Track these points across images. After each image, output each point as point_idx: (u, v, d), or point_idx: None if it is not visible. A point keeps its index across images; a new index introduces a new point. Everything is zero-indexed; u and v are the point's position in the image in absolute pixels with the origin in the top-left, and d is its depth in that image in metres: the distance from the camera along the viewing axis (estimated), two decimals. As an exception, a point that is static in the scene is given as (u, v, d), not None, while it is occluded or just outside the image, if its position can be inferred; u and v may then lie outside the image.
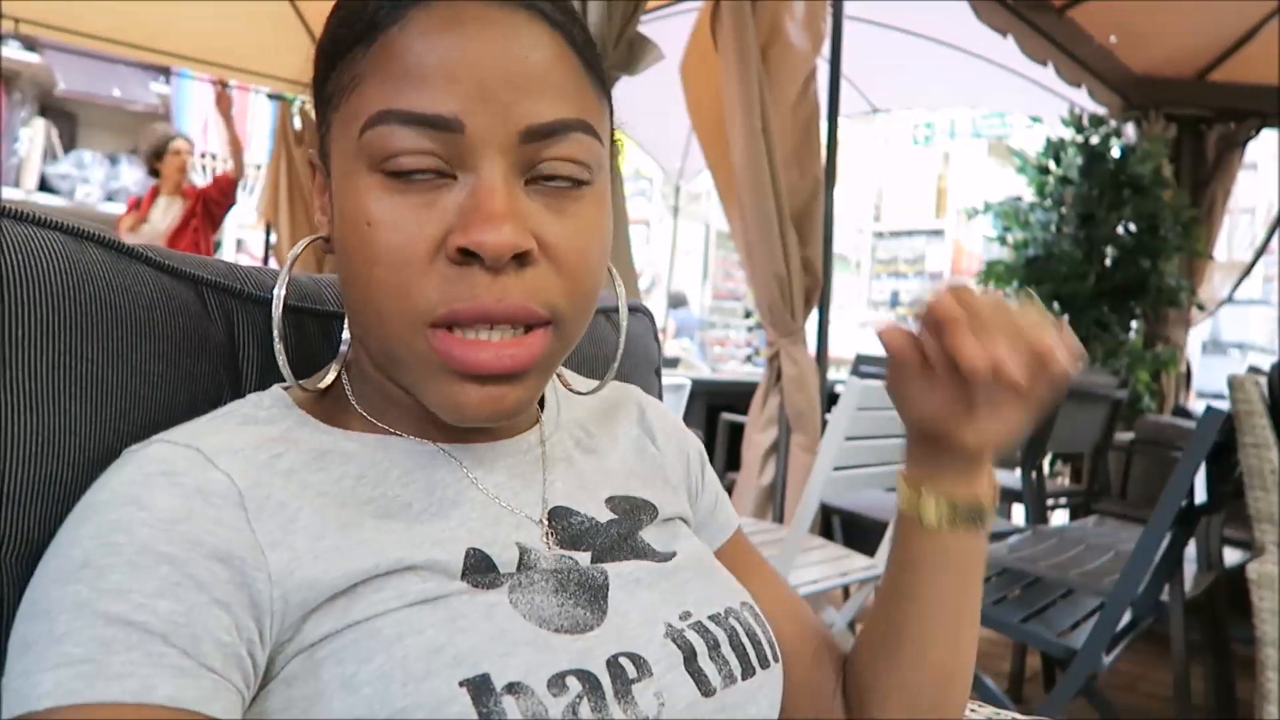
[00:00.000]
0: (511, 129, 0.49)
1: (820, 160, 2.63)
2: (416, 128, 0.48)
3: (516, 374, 0.51)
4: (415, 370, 0.52)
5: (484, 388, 0.50)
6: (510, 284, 0.49)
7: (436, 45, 0.48)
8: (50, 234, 0.52)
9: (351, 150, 0.50)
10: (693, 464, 0.72)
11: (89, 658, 0.41)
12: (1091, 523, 2.82)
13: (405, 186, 0.49)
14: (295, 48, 4.52)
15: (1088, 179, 4.18)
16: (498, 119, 0.49)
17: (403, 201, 0.49)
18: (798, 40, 2.50)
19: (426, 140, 0.49)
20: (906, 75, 4.81)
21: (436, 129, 0.48)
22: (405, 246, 0.49)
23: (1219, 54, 4.32)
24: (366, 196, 0.50)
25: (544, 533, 0.56)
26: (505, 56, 0.49)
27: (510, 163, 0.50)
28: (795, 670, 0.65)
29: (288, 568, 0.46)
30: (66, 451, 0.51)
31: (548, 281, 0.51)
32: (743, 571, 0.68)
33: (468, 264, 0.49)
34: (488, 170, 0.49)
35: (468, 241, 0.48)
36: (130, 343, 0.54)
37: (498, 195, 0.49)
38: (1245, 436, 1.63)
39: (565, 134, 0.51)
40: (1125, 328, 4.30)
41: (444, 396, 0.51)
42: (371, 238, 0.49)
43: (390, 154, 0.49)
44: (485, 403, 0.51)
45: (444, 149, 0.49)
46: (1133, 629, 1.85)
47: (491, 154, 0.49)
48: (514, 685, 0.45)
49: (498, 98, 0.49)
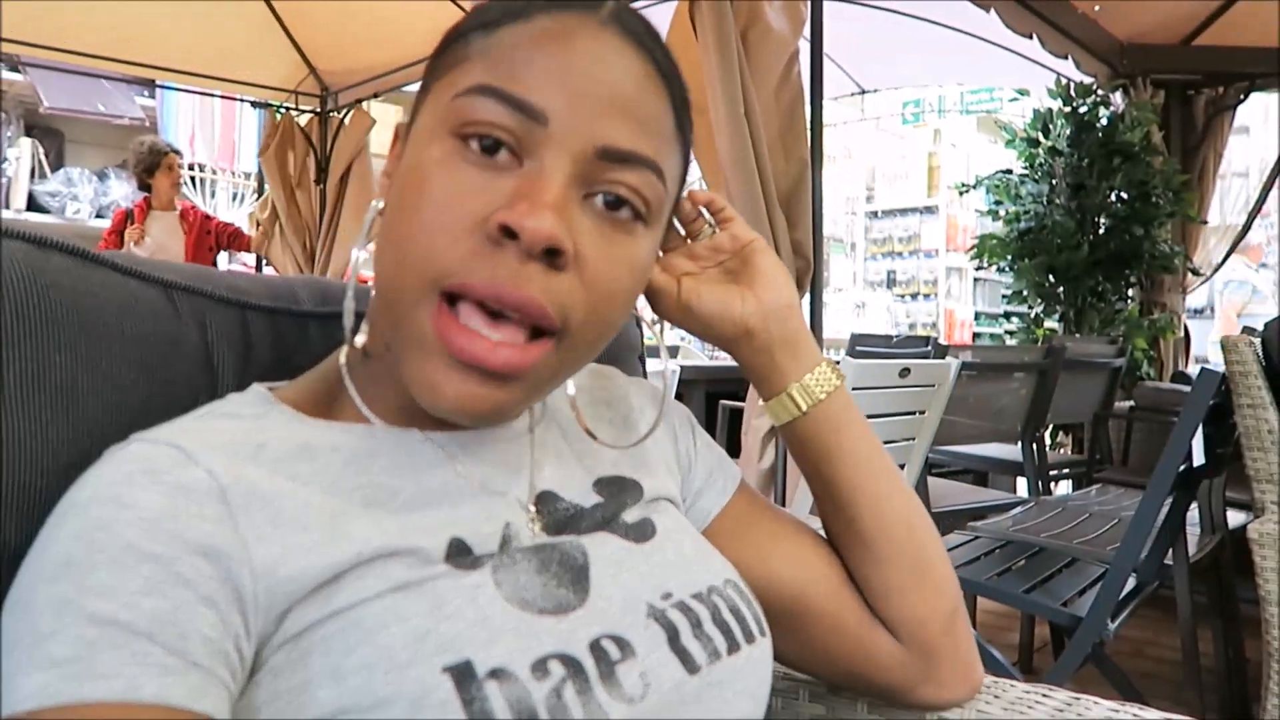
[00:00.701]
0: (589, 142, 0.51)
1: (806, 143, 2.62)
2: (507, 106, 0.50)
3: (503, 375, 0.50)
4: (410, 341, 0.51)
5: (465, 380, 0.50)
6: (533, 276, 0.49)
7: (548, 46, 0.51)
8: (13, 243, 0.52)
9: (440, 113, 0.52)
10: (681, 435, 0.72)
11: (74, 657, 0.41)
12: (1094, 491, 2.83)
13: (473, 158, 0.50)
14: (279, 55, 4.52)
15: (1077, 149, 4.16)
16: (581, 128, 0.51)
17: (465, 170, 0.50)
18: (777, 24, 2.49)
19: (511, 121, 0.50)
20: (892, 55, 4.79)
21: (524, 114, 0.50)
22: (450, 210, 0.50)
23: (1204, 18, 4.29)
24: (434, 154, 0.51)
25: (530, 519, 0.57)
26: (607, 78, 0.52)
27: (576, 171, 0.51)
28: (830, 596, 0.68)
29: (271, 561, 0.46)
30: (40, 459, 0.50)
31: (571, 293, 0.51)
32: (754, 526, 0.70)
33: (501, 245, 0.49)
34: (551, 165, 0.50)
35: (509, 219, 0.48)
36: (100, 348, 0.54)
37: (553, 188, 0.50)
38: (1241, 398, 1.62)
39: (636, 166, 0.52)
40: (1121, 296, 4.29)
41: (424, 375, 0.51)
42: (424, 192, 0.50)
43: (473, 119, 0.50)
44: (461, 395, 0.50)
45: (524, 136, 0.50)
46: (1138, 594, 1.85)
47: (562, 155, 0.51)
48: (497, 671, 0.45)
49: (588, 109, 0.51)
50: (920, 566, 0.68)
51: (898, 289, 8.50)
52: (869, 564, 0.68)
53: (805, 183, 2.60)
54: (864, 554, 0.68)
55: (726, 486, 0.72)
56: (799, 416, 0.67)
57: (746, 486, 0.74)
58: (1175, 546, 1.94)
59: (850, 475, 0.68)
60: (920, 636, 0.68)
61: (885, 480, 0.68)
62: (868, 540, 0.68)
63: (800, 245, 2.60)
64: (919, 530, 0.69)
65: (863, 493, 0.67)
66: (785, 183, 2.56)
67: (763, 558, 0.69)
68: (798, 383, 0.67)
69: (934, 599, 0.68)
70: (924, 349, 3.17)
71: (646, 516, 0.62)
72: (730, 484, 0.73)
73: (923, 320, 8.23)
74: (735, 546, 0.68)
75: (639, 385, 0.74)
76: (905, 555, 0.68)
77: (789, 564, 0.69)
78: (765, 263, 0.68)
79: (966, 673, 0.71)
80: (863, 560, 0.68)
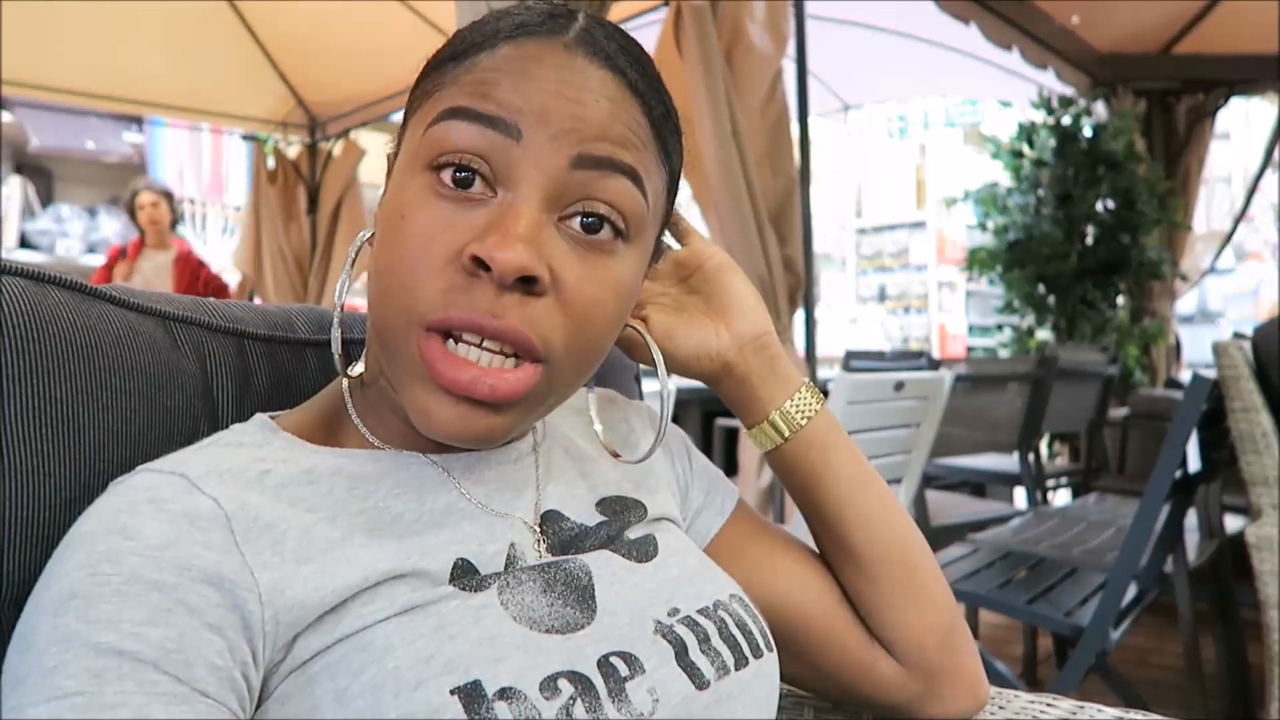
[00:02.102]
0: (564, 153, 0.51)
1: (793, 159, 2.64)
2: (478, 125, 0.50)
3: (493, 404, 0.50)
4: (402, 370, 0.52)
5: (457, 406, 0.50)
6: (511, 306, 0.49)
7: (517, 67, 0.51)
8: (11, 279, 0.52)
9: (414, 146, 0.53)
10: (678, 456, 0.73)
11: (81, 690, 0.41)
12: (1092, 500, 2.83)
13: (446, 192, 0.51)
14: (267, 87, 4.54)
15: (1062, 159, 4.20)
16: (554, 140, 0.50)
17: (440, 205, 0.51)
18: (760, 42, 2.51)
19: (483, 141, 0.50)
20: (875, 70, 4.83)
21: (496, 130, 0.50)
22: (427, 245, 0.50)
23: (1182, 27, 4.34)
24: (410, 191, 0.52)
25: (536, 540, 0.57)
26: (577, 97, 0.51)
27: (550, 193, 0.51)
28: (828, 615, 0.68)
29: (278, 588, 0.46)
30: (43, 493, 0.50)
31: (550, 318, 0.51)
32: (752, 544, 0.70)
33: (476, 276, 0.49)
34: (525, 193, 0.50)
35: (480, 251, 0.49)
36: (99, 381, 0.54)
37: (524, 218, 0.50)
38: (1234, 402, 1.63)
39: (613, 173, 0.52)
40: (1111, 304, 4.31)
41: (419, 403, 0.51)
42: (402, 230, 0.51)
43: (446, 149, 0.51)
44: (455, 420, 0.50)
45: (496, 157, 0.50)
46: (1139, 602, 1.85)
47: (536, 177, 0.50)
48: (506, 690, 0.45)
49: (560, 123, 0.51)
50: (913, 585, 0.68)
51: (889, 303, 8.51)
52: (862, 584, 0.68)
53: (794, 199, 2.61)
54: (856, 574, 0.68)
55: (725, 505, 0.72)
56: (781, 443, 0.67)
57: (745, 506, 0.74)
58: (1174, 553, 1.94)
59: (837, 497, 0.68)
60: (918, 655, 0.67)
61: (874, 500, 0.68)
62: (859, 560, 0.68)
63: (791, 261, 2.61)
64: (911, 549, 0.69)
65: (851, 513, 0.68)
66: (774, 199, 2.58)
67: (762, 576, 0.68)
68: (778, 410, 0.67)
69: (929, 616, 0.68)
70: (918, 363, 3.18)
71: (650, 534, 0.62)
72: (728, 503, 0.73)
73: (916, 334, 8.24)
74: (734, 565, 0.67)
75: (637, 408, 0.74)
76: (897, 575, 0.67)
77: (788, 583, 0.69)
78: (734, 285, 0.68)
79: (971, 688, 0.70)
80: (856, 580, 0.68)
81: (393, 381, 0.54)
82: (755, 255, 2.52)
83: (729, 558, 0.68)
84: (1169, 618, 2.19)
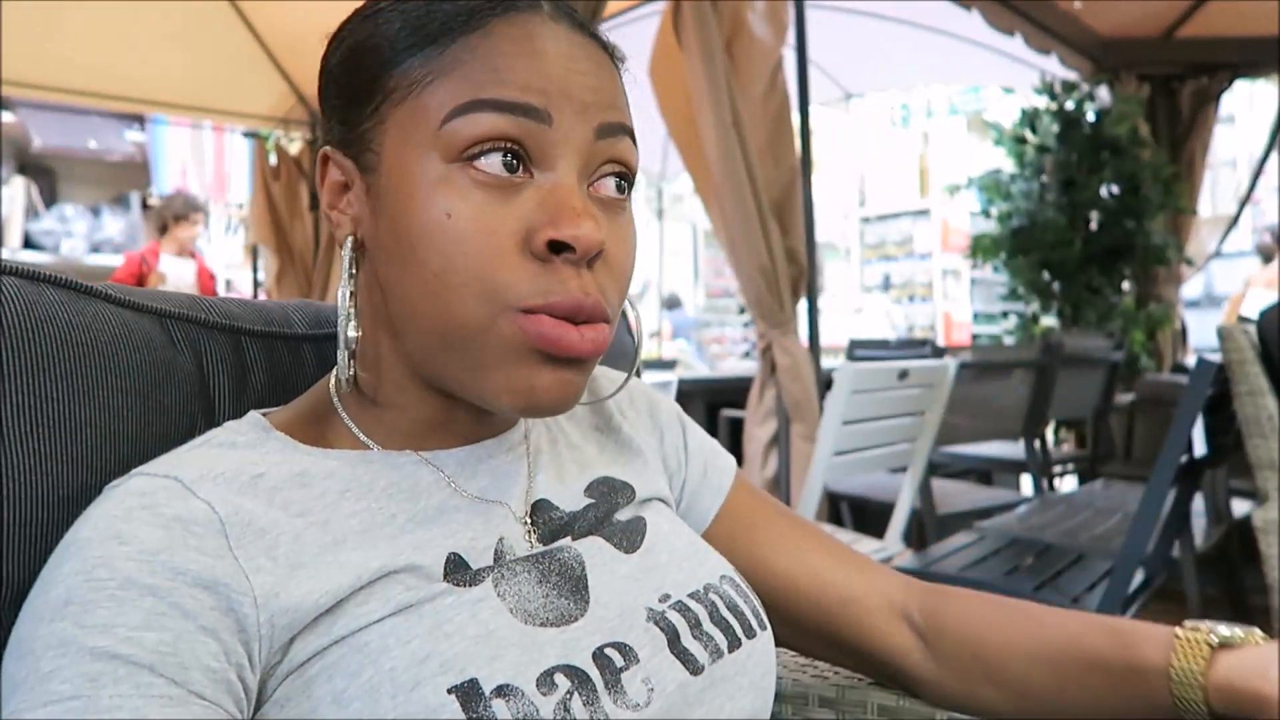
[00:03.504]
0: (589, 126, 0.52)
1: (795, 149, 2.64)
2: (509, 115, 0.50)
3: (588, 360, 0.52)
4: (489, 357, 0.51)
5: (558, 372, 0.51)
6: (589, 280, 0.51)
7: (524, 49, 0.51)
8: (5, 279, 0.52)
9: (425, 141, 0.51)
10: (670, 433, 0.72)
11: (77, 694, 0.41)
12: (1099, 486, 2.82)
13: (485, 179, 0.50)
14: (267, 84, 4.54)
15: (1065, 145, 4.18)
16: (579, 116, 0.52)
17: (481, 194, 0.50)
18: (761, 32, 2.50)
19: (515, 128, 0.50)
20: (877, 58, 4.81)
21: (529, 118, 0.50)
22: (491, 237, 0.50)
23: (1184, 10, 4.32)
24: (443, 187, 0.50)
25: (526, 531, 0.57)
26: (581, 68, 0.53)
27: (582, 165, 0.53)
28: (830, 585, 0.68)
29: (272, 591, 0.46)
30: (40, 492, 0.50)
31: (606, 281, 0.53)
32: (754, 519, 0.71)
33: (550, 260, 0.50)
34: (565, 169, 0.52)
35: (561, 234, 0.49)
36: (95, 379, 0.54)
37: (576, 194, 0.51)
38: (1239, 385, 1.62)
39: (624, 137, 0.54)
40: (1116, 290, 4.30)
41: (520, 382, 0.51)
42: (452, 228, 0.50)
43: (476, 140, 0.50)
44: (556, 387, 0.51)
45: (531, 141, 0.51)
46: (1146, 588, 1.85)
47: (569, 153, 0.52)
48: (503, 688, 0.45)
49: (579, 98, 0.52)
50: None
51: (894, 292, 8.50)
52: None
53: (796, 189, 2.61)
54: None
55: (723, 483, 0.72)
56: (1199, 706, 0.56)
57: (744, 481, 0.74)
58: (1181, 538, 1.94)
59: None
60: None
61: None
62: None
63: (794, 252, 2.61)
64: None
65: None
66: (776, 190, 2.57)
67: (766, 549, 0.69)
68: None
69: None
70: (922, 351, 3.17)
71: (639, 515, 0.62)
72: (726, 479, 0.73)
73: (921, 323, 8.23)
74: (738, 541, 0.68)
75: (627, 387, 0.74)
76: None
77: (791, 553, 0.69)
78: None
79: None
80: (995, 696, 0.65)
81: (462, 377, 0.52)
82: (758, 246, 2.52)
83: (732, 534, 0.69)
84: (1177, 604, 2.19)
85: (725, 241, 2.64)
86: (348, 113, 0.55)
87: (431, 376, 0.55)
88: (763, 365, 2.77)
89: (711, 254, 9.26)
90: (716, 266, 9.23)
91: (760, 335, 2.74)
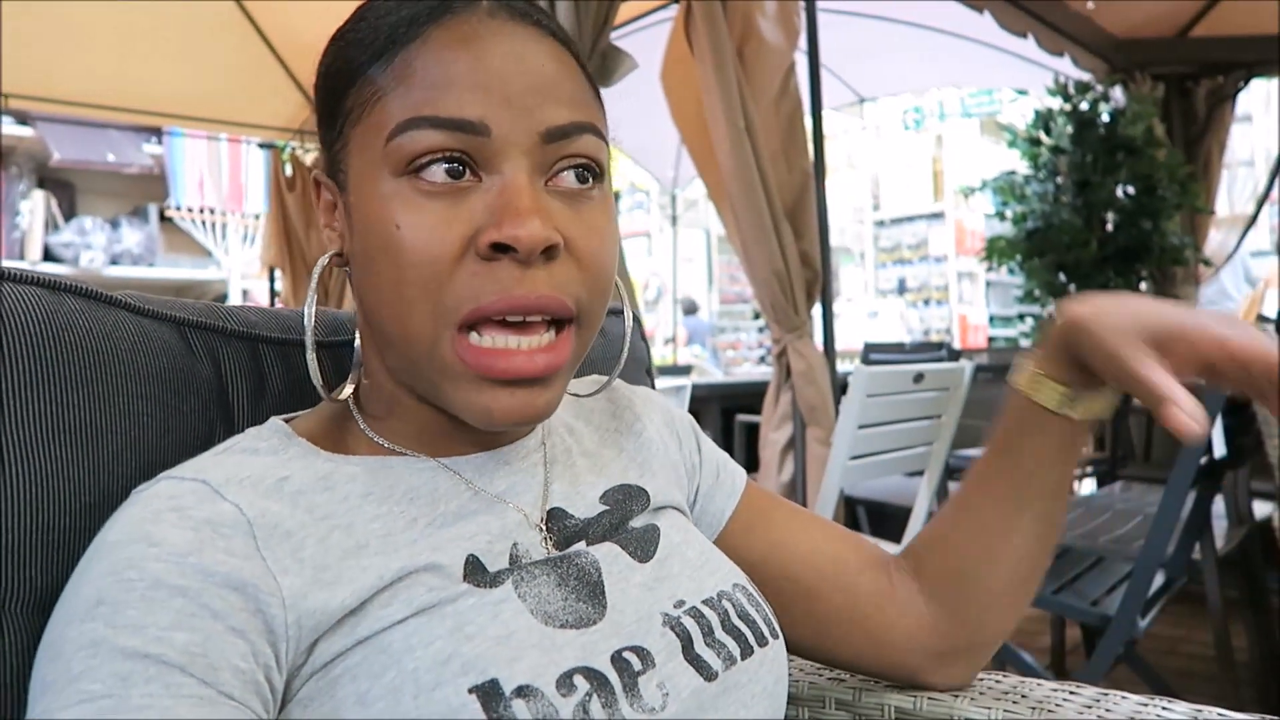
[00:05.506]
0: (533, 130, 0.52)
1: (808, 153, 2.63)
2: (445, 131, 0.50)
3: (547, 377, 0.52)
4: (441, 378, 0.52)
5: (515, 393, 0.51)
6: (539, 277, 0.51)
7: (459, 56, 0.51)
8: (26, 289, 0.53)
9: (376, 159, 0.52)
10: (685, 441, 0.73)
11: (108, 693, 0.41)
12: (1118, 489, 2.81)
13: (432, 189, 0.51)
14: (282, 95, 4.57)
15: (1080, 146, 4.15)
16: (520, 122, 0.51)
17: (430, 204, 0.51)
18: (772, 37, 2.50)
19: (454, 141, 0.50)
20: (889, 62, 4.80)
21: (465, 132, 0.50)
22: (434, 246, 0.50)
23: (1198, 10, 4.29)
24: (393, 201, 0.51)
25: (543, 537, 0.57)
26: (523, 67, 0.52)
27: (532, 163, 0.52)
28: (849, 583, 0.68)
29: (299, 593, 0.47)
30: (62, 499, 0.51)
31: (572, 275, 0.52)
32: (768, 519, 0.71)
33: (496, 260, 0.50)
34: (511, 170, 0.51)
35: (501, 236, 0.49)
36: (115, 386, 0.54)
37: (525, 192, 0.51)
38: (1258, 385, 1.61)
39: (580, 135, 0.53)
40: (1133, 290, 4.27)
41: (475, 403, 0.52)
42: (400, 240, 0.50)
43: (418, 154, 0.50)
44: (516, 408, 0.52)
45: (472, 151, 0.51)
46: (1167, 590, 1.83)
47: (515, 155, 0.51)
48: (523, 688, 0.46)
49: (520, 103, 0.51)
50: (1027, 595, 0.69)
51: (909, 296, 8.47)
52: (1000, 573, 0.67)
53: (809, 194, 2.60)
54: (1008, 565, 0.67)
55: (735, 486, 0.73)
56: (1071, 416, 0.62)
57: (754, 484, 0.75)
58: (1202, 540, 1.92)
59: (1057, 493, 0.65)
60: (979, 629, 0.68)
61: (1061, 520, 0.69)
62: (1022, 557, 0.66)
63: (808, 256, 2.61)
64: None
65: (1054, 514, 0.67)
66: (789, 195, 2.57)
67: (781, 547, 0.70)
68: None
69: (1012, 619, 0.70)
70: (937, 355, 3.16)
71: (652, 523, 0.62)
72: (738, 482, 0.74)
73: (937, 326, 8.20)
74: (752, 540, 0.69)
75: (640, 394, 0.75)
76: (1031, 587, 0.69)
77: (805, 549, 0.70)
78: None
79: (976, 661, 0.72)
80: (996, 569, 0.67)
81: (425, 391, 0.54)
82: (772, 250, 2.51)
83: (747, 534, 0.70)
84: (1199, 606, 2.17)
85: (739, 246, 2.64)
86: (325, 135, 0.57)
87: (412, 389, 0.56)
88: (777, 370, 2.77)
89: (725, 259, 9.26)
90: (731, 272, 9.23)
91: (775, 340, 2.74)
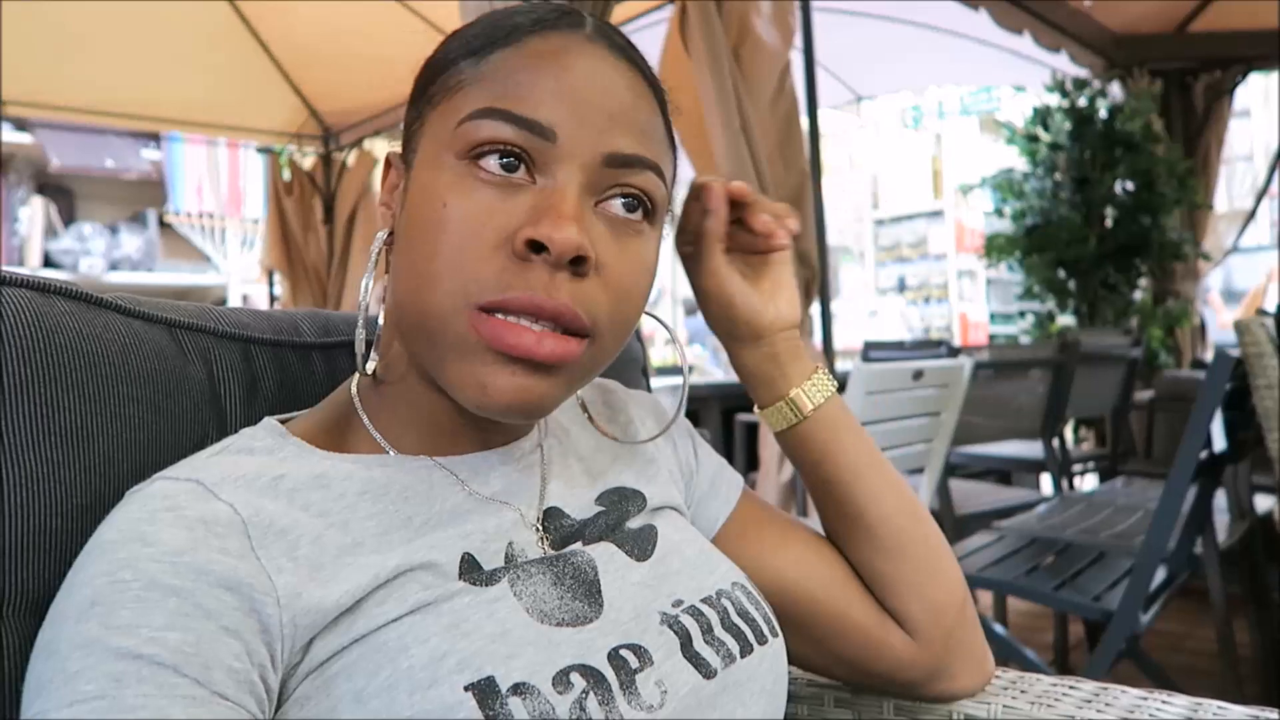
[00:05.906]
0: (598, 150, 0.53)
1: (804, 153, 2.63)
2: (514, 127, 0.52)
3: (551, 366, 0.51)
4: (450, 350, 0.52)
5: (515, 375, 0.51)
6: (563, 285, 0.51)
7: (547, 65, 0.53)
8: (15, 291, 0.53)
9: (445, 139, 0.53)
10: (681, 444, 0.73)
11: (102, 694, 0.41)
12: (1119, 484, 2.80)
13: (486, 178, 0.52)
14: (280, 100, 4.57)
15: (1078, 142, 4.15)
16: (587, 139, 0.52)
17: (480, 191, 0.51)
18: (768, 36, 2.50)
19: (520, 139, 0.52)
20: (886, 60, 4.80)
21: (532, 133, 0.52)
22: (474, 229, 0.51)
23: (1195, 5, 4.29)
24: (448, 179, 0.52)
25: (539, 537, 0.57)
26: (605, 90, 0.54)
27: (587, 180, 0.53)
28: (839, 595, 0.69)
29: (294, 592, 0.47)
30: (55, 501, 0.51)
31: (596, 295, 0.52)
32: (760, 529, 0.71)
33: (529, 260, 0.50)
34: (564, 177, 0.52)
35: (537, 234, 0.50)
36: (107, 389, 0.54)
37: (570, 200, 0.51)
38: (1258, 379, 1.61)
39: (641, 170, 0.54)
40: (1133, 286, 4.26)
41: (474, 378, 0.51)
42: (444, 216, 0.51)
43: (480, 142, 0.52)
44: (512, 390, 0.51)
45: (535, 152, 0.52)
46: (1169, 585, 1.83)
47: (573, 167, 0.52)
48: (519, 686, 0.46)
49: (592, 121, 0.52)
50: (930, 559, 0.69)
51: (909, 294, 8.46)
52: (880, 561, 0.69)
53: (807, 193, 2.61)
54: (873, 552, 0.69)
55: (730, 494, 0.73)
56: (797, 422, 0.68)
57: (750, 493, 0.75)
58: (1204, 535, 1.92)
59: (851, 474, 0.69)
60: (935, 628, 0.68)
61: (885, 478, 0.70)
62: (876, 537, 0.68)
63: (806, 255, 2.61)
64: (924, 525, 0.70)
65: (864, 490, 0.68)
66: (786, 194, 2.57)
67: (772, 560, 0.69)
68: (798, 388, 0.68)
69: (945, 590, 0.69)
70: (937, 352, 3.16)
71: (649, 524, 0.63)
72: (734, 491, 0.74)
73: (937, 324, 8.18)
74: (744, 550, 0.69)
75: (636, 397, 0.75)
76: (915, 550, 0.69)
77: (798, 565, 0.69)
78: (787, 274, 0.69)
79: (979, 663, 0.71)
80: (873, 558, 0.69)
81: (434, 367, 0.54)
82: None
83: (739, 543, 0.70)
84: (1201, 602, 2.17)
85: (737, 246, 2.63)
86: (407, 116, 0.58)
87: (420, 367, 0.56)
88: (777, 369, 2.76)
89: (725, 259, 9.22)
90: (730, 272, 9.19)
91: (774, 339, 2.74)
